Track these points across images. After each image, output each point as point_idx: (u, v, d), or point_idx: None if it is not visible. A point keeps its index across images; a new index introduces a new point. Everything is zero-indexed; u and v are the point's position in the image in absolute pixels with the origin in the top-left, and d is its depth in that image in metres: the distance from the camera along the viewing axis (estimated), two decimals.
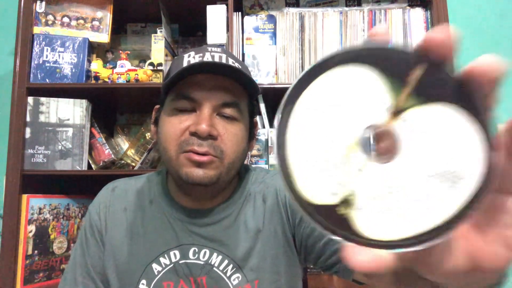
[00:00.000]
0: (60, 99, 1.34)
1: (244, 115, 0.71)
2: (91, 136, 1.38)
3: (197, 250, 0.69)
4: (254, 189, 0.76)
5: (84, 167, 1.33)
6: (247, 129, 0.72)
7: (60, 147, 1.31)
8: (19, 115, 1.28)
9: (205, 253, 0.69)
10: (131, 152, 1.47)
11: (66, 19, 1.41)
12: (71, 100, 1.34)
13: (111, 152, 1.39)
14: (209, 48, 0.69)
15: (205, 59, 0.65)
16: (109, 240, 0.72)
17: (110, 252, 0.71)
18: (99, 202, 0.76)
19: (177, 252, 0.69)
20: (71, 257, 0.75)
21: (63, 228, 1.35)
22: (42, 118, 1.32)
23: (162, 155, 0.70)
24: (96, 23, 1.43)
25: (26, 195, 1.25)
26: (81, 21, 1.42)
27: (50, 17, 1.39)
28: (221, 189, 0.73)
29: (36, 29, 1.36)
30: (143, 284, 0.68)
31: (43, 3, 1.39)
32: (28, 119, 1.30)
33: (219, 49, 0.69)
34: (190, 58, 0.66)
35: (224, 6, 1.37)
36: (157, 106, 0.75)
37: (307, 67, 0.26)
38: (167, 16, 1.52)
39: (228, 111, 0.67)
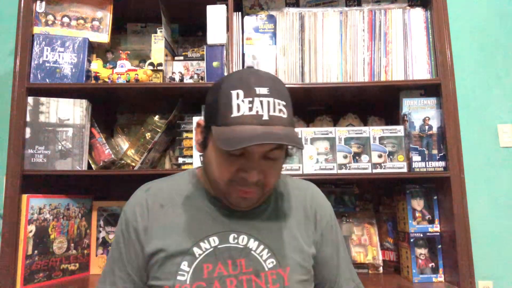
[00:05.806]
0: (60, 99, 1.34)
1: (283, 147, 0.74)
2: (91, 136, 1.38)
3: (236, 236, 0.77)
4: (286, 189, 0.87)
5: (84, 167, 1.33)
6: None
7: (60, 147, 1.31)
8: (19, 115, 1.28)
9: (243, 238, 0.77)
10: (131, 152, 1.47)
11: (66, 19, 1.41)
12: (71, 100, 1.34)
13: (111, 152, 1.39)
14: (257, 90, 0.69)
15: (254, 107, 0.67)
16: (150, 233, 0.77)
17: (151, 243, 0.77)
18: (134, 202, 0.81)
19: (216, 238, 0.76)
20: (109, 254, 0.83)
21: (63, 228, 1.35)
22: (42, 118, 1.32)
23: (209, 178, 0.78)
24: (96, 23, 1.43)
25: (26, 195, 1.25)
26: (81, 21, 1.42)
27: (50, 17, 1.40)
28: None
29: (36, 29, 1.36)
30: (184, 265, 0.74)
31: (43, 3, 1.39)
32: (28, 119, 1.30)
33: (266, 90, 0.69)
34: (239, 101, 0.68)
35: (224, 6, 1.38)
36: (201, 121, 0.79)
37: None
38: (167, 16, 1.52)
39: (274, 154, 0.72)
